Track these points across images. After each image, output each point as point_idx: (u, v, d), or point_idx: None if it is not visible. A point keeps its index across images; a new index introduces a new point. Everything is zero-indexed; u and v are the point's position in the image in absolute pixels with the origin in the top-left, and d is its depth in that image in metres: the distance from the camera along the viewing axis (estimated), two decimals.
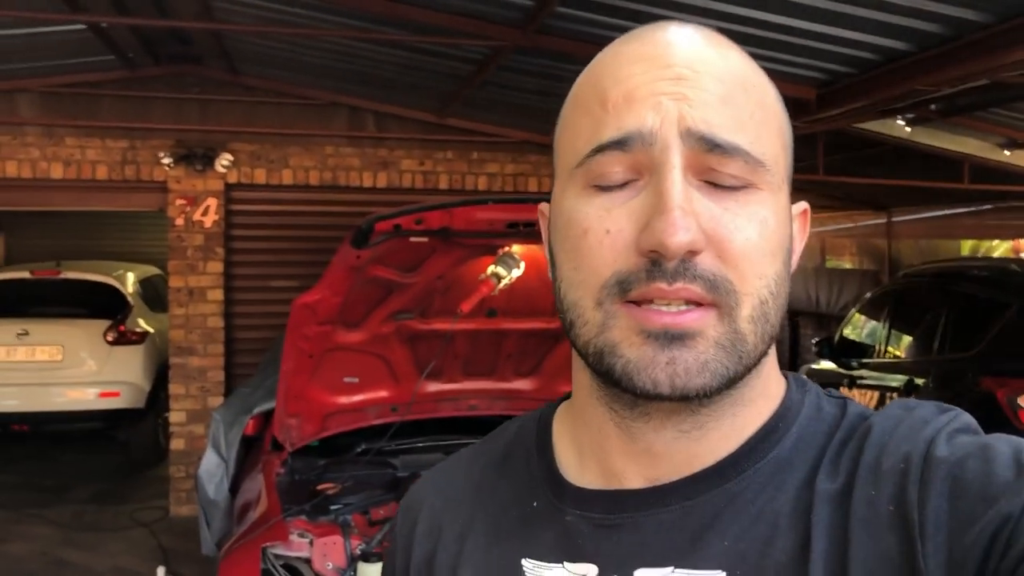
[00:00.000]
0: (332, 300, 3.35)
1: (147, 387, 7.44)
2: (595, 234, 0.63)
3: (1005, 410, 4.09)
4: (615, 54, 0.68)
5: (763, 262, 0.63)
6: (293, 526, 3.25)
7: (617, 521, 0.68)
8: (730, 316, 0.62)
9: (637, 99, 0.63)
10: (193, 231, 6.35)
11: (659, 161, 0.62)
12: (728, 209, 0.62)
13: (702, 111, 0.62)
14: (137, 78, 6.23)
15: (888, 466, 0.62)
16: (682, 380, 0.61)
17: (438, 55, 4.99)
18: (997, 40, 3.23)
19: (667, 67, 0.64)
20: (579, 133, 0.67)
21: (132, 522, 6.29)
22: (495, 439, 0.84)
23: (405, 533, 0.82)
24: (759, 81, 0.68)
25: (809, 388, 0.72)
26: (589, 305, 0.64)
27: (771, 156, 0.65)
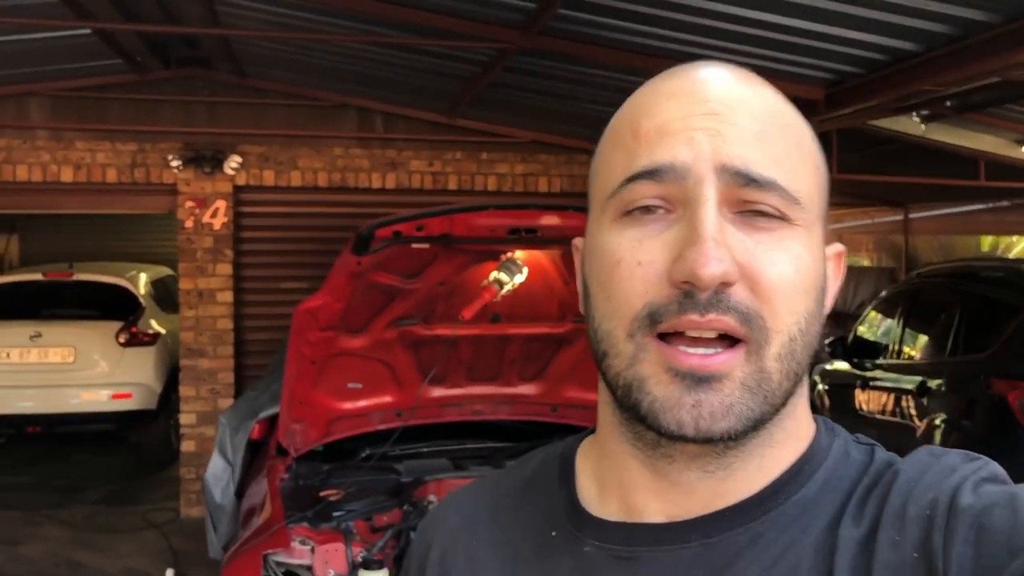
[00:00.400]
0: (334, 306, 3.33)
1: (159, 388, 7.47)
2: (627, 265, 0.64)
3: (1016, 414, 4.04)
4: (651, 91, 0.69)
5: (796, 298, 0.63)
6: (295, 533, 3.24)
7: (635, 554, 0.68)
8: (758, 354, 0.62)
9: (670, 133, 0.64)
10: (202, 233, 6.37)
11: (693, 194, 0.62)
12: (762, 243, 0.63)
13: (737, 147, 0.63)
14: (146, 81, 6.25)
15: (914, 512, 0.61)
16: (706, 423, 0.61)
17: (443, 57, 4.97)
18: (1004, 40, 3.18)
19: (701, 102, 0.65)
20: (613, 166, 0.68)
21: (144, 523, 6.33)
22: (519, 468, 0.84)
23: (419, 556, 0.82)
24: (795, 121, 0.68)
25: (838, 432, 0.72)
26: (621, 336, 0.64)
27: (806, 194, 0.65)
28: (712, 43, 3.97)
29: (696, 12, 3.61)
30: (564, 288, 3.61)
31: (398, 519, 3.44)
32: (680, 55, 4.21)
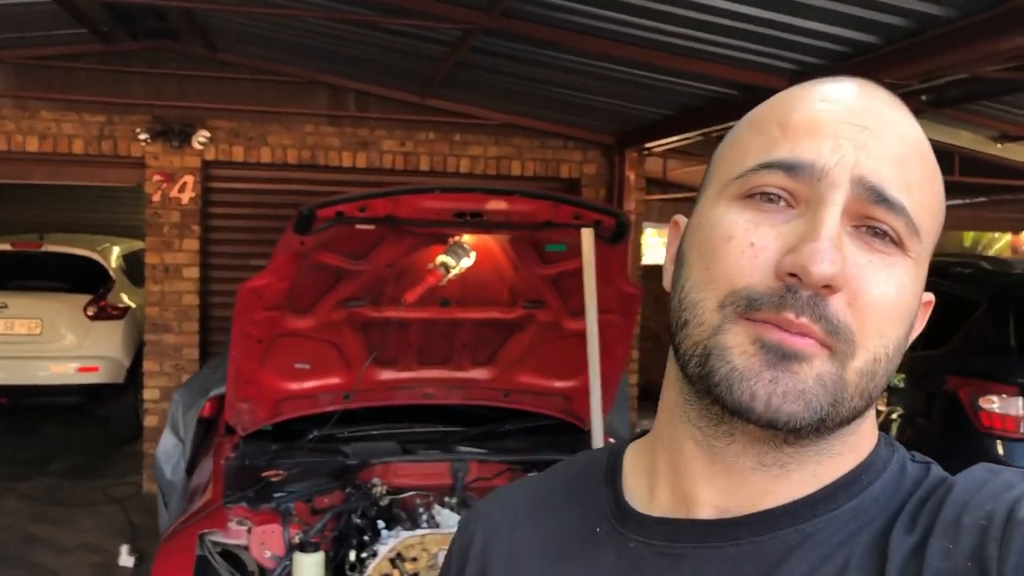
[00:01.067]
0: (279, 285, 3.30)
1: (127, 362, 7.44)
2: (738, 243, 0.64)
3: (967, 411, 4.04)
4: (805, 90, 0.70)
5: (890, 322, 0.64)
6: (233, 513, 3.22)
7: (681, 551, 0.68)
8: (841, 363, 0.62)
9: (819, 133, 0.65)
10: (170, 208, 6.31)
11: (822, 196, 0.63)
12: (872, 262, 0.63)
13: (878, 163, 0.63)
14: (114, 52, 6.16)
15: (968, 522, 0.61)
16: (778, 401, 0.61)
17: (411, 36, 4.92)
18: (960, 35, 3.16)
19: (855, 113, 0.66)
20: (748, 150, 0.68)
21: (105, 498, 6.31)
22: (565, 467, 0.85)
23: (460, 549, 0.83)
24: (932, 159, 0.69)
25: (897, 448, 0.72)
26: (710, 306, 0.65)
27: (925, 229, 0.66)
28: (676, 30, 3.93)
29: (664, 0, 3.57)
30: (514, 274, 3.58)
31: (340, 501, 3.42)
32: (644, 41, 4.18)
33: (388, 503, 3.46)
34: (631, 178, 6.75)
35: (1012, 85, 5.29)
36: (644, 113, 5.90)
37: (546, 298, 3.66)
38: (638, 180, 6.88)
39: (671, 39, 4.07)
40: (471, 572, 0.80)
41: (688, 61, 4.30)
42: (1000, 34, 3.05)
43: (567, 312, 3.68)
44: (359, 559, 3.21)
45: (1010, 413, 3.93)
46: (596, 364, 3.45)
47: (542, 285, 3.61)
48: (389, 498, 3.47)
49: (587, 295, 3.34)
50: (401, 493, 3.55)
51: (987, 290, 4.46)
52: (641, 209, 6.99)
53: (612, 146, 6.80)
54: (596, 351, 3.42)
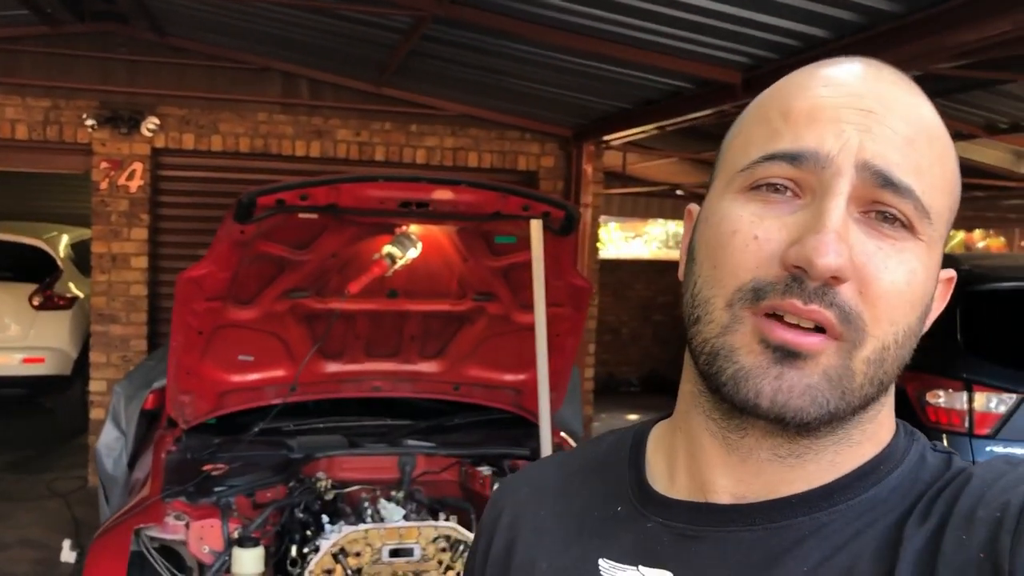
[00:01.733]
0: (219, 275, 3.22)
1: (74, 354, 7.28)
2: (743, 237, 0.64)
3: (914, 406, 4.07)
4: (807, 74, 0.68)
5: (901, 309, 0.63)
6: (171, 508, 3.15)
7: (699, 533, 0.69)
8: (848, 353, 0.62)
9: (821, 120, 0.64)
10: (117, 196, 6.17)
11: (827, 185, 0.62)
12: (882, 249, 0.62)
13: (883, 146, 0.62)
14: (59, 35, 5.99)
15: (983, 514, 0.61)
16: (784, 397, 0.62)
17: (362, 23, 4.84)
18: (909, 30, 3.17)
19: (858, 96, 0.64)
20: (752, 140, 0.67)
21: (48, 492, 6.17)
22: (592, 446, 0.86)
23: (490, 522, 0.85)
24: (943, 137, 0.67)
25: (917, 437, 0.71)
26: (720, 304, 0.65)
27: (937, 211, 0.65)
28: (631, 22, 3.90)
29: None
30: (463, 266, 3.53)
31: (283, 495, 3.36)
32: (599, 32, 4.14)
33: (333, 497, 3.41)
34: (588, 171, 6.73)
35: (963, 83, 5.34)
36: (600, 106, 5.87)
37: (496, 290, 3.62)
38: (595, 173, 6.85)
39: (626, 31, 4.04)
40: (499, 545, 0.82)
41: (643, 53, 4.27)
42: (949, 29, 3.05)
43: (517, 305, 3.64)
44: (301, 554, 3.16)
45: (955, 407, 3.97)
46: (544, 357, 3.41)
47: (492, 277, 3.57)
48: (334, 492, 3.42)
49: (536, 287, 3.30)
50: (346, 487, 3.50)
51: None
52: (599, 202, 6.97)
53: (569, 139, 6.76)
54: (544, 344, 3.39)
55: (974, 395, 3.92)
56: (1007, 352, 4.12)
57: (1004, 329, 4.29)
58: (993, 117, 6.47)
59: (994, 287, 4.35)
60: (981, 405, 3.91)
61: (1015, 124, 6.49)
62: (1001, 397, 3.91)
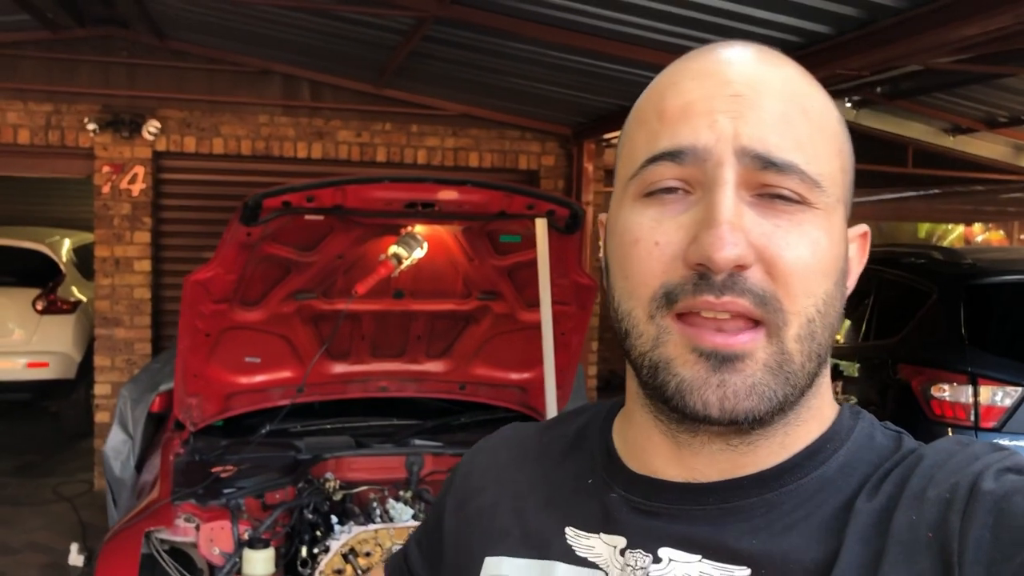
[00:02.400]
0: (226, 278, 3.23)
1: (78, 357, 7.29)
2: (645, 245, 0.65)
3: (919, 399, 4.08)
4: (676, 70, 0.69)
5: (813, 280, 0.63)
6: (181, 510, 3.16)
7: (653, 508, 0.70)
8: (778, 336, 0.63)
9: (693, 114, 0.65)
10: (120, 199, 6.17)
11: (712, 177, 0.63)
12: (780, 227, 0.63)
13: (758, 129, 0.63)
14: (60, 40, 6.00)
15: (933, 495, 0.62)
16: (731, 403, 0.62)
17: (364, 24, 4.85)
18: (911, 24, 3.17)
19: (725, 84, 0.65)
20: (636, 145, 0.68)
21: (55, 496, 6.17)
22: (570, 418, 0.87)
23: (468, 475, 0.87)
24: (819, 103, 0.68)
25: (863, 416, 0.72)
26: (642, 318, 0.65)
27: (827, 176, 0.65)
28: (629, 19, 3.91)
29: None
30: (468, 265, 3.54)
31: (291, 496, 3.37)
32: (598, 30, 4.15)
33: (341, 498, 3.41)
34: (589, 169, 6.74)
35: (963, 77, 5.36)
36: (600, 104, 5.88)
37: (501, 289, 3.63)
38: (596, 171, 6.86)
39: (626, 28, 4.05)
40: (484, 501, 0.83)
41: (643, 50, 4.28)
42: (949, 23, 3.06)
43: (522, 303, 3.65)
44: (311, 555, 3.16)
45: (960, 401, 3.98)
46: (551, 355, 3.42)
47: (497, 276, 3.58)
48: (342, 492, 3.42)
49: (541, 286, 3.31)
50: (355, 487, 3.51)
51: (938, 280, 4.50)
52: (600, 200, 6.98)
53: (570, 137, 6.77)
54: (551, 342, 3.40)
55: (979, 388, 3.93)
56: (1011, 345, 4.13)
57: (1008, 322, 4.30)
58: (992, 111, 6.50)
59: (996, 280, 4.37)
60: (986, 398, 3.92)
61: (1015, 117, 6.51)
62: (1006, 390, 3.91)
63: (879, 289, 5.12)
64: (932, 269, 4.67)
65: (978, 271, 4.39)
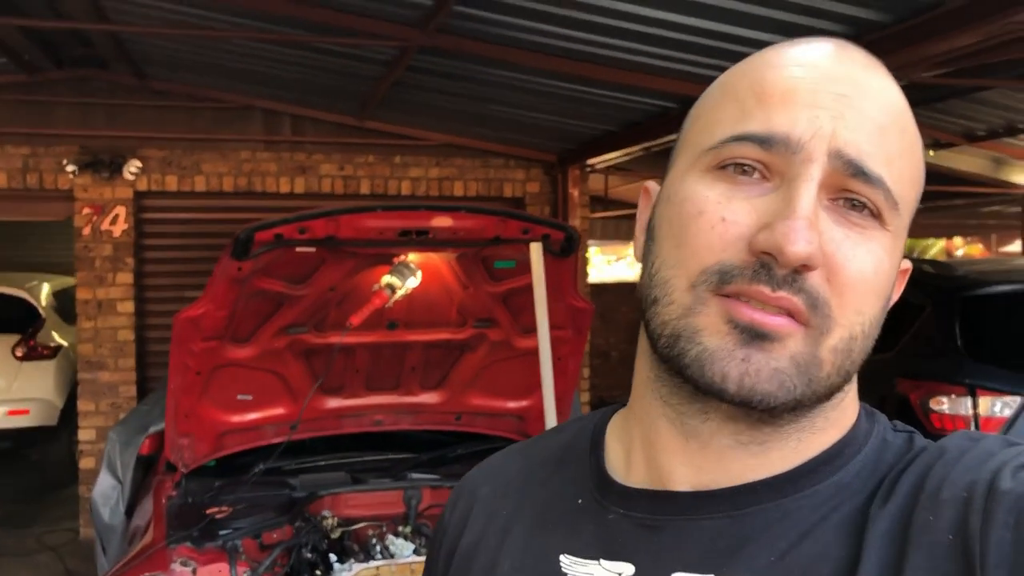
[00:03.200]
0: (217, 314, 3.17)
1: (60, 403, 7.17)
2: (709, 218, 0.62)
3: (918, 413, 4.06)
4: (780, 52, 0.66)
5: (867, 298, 0.62)
6: (176, 553, 3.08)
7: (660, 523, 0.67)
8: (816, 340, 0.61)
9: (795, 102, 0.62)
10: (101, 241, 6.09)
11: (798, 170, 0.60)
12: (850, 237, 0.61)
13: (856, 134, 0.61)
14: (37, 82, 5.95)
15: (949, 495, 0.60)
16: (751, 380, 0.60)
17: (345, 56, 4.83)
18: (896, 39, 3.19)
19: (833, 80, 0.62)
20: (720, 118, 0.65)
21: (39, 545, 6.03)
22: (554, 435, 0.84)
23: (454, 519, 0.82)
24: (913, 126, 0.66)
25: (878, 418, 0.70)
26: (681, 286, 0.63)
27: (906, 201, 0.64)
28: (613, 42, 3.91)
29: (597, 11, 3.55)
30: (463, 292, 3.50)
31: (289, 536, 3.29)
32: (582, 55, 4.15)
33: (340, 535, 3.35)
34: (575, 195, 6.73)
35: (943, 92, 5.41)
36: (585, 129, 5.88)
37: (496, 316, 3.59)
38: (582, 197, 6.86)
39: (608, 52, 4.06)
40: (467, 540, 0.79)
41: (626, 74, 4.28)
42: (934, 37, 3.08)
43: (518, 330, 3.61)
44: None
45: (960, 413, 3.96)
46: (550, 381, 3.38)
47: (492, 303, 3.54)
48: (340, 530, 3.36)
49: (538, 311, 3.27)
50: (353, 524, 3.44)
51: (932, 293, 4.50)
52: (587, 226, 6.97)
53: (554, 164, 6.77)
54: (549, 368, 3.36)
55: (978, 400, 3.92)
56: (1008, 355, 4.13)
57: (1003, 333, 4.30)
58: (971, 125, 6.56)
59: (990, 291, 4.37)
60: (985, 409, 3.91)
61: (992, 131, 6.58)
62: (1005, 400, 3.90)
63: None
64: (925, 282, 4.68)
65: (971, 282, 4.40)
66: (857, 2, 3.13)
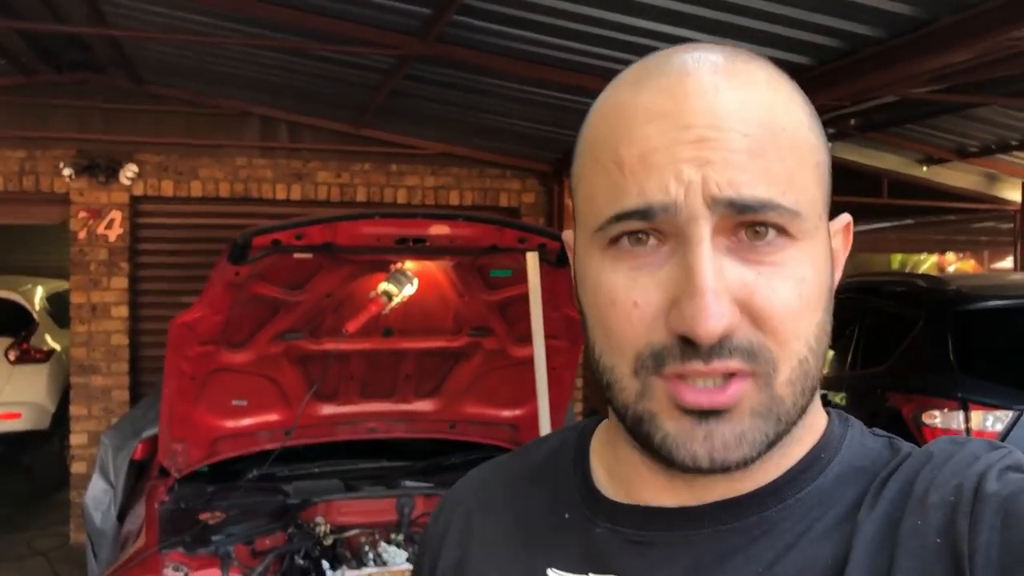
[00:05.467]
0: (213, 319, 3.17)
1: (52, 407, 7.14)
2: (623, 307, 0.62)
3: (910, 427, 4.07)
4: (629, 105, 0.63)
5: (802, 322, 0.61)
6: (169, 559, 3.07)
7: (648, 538, 0.67)
8: (768, 383, 0.60)
9: (656, 165, 0.60)
10: (96, 245, 6.09)
11: (686, 233, 0.59)
12: (762, 274, 0.60)
13: (727, 173, 0.59)
14: (35, 85, 5.95)
15: (936, 498, 0.60)
16: (720, 454, 0.60)
17: (344, 64, 4.85)
18: (891, 55, 3.22)
19: (686, 128, 0.60)
20: (597, 191, 0.64)
21: (29, 551, 5.99)
22: (536, 447, 0.83)
23: (438, 535, 0.81)
24: (789, 117, 0.62)
25: (852, 423, 0.70)
26: (626, 372, 0.63)
27: (806, 201, 0.61)
28: (607, 53, 3.94)
29: (593, 22, 3.57)
30: (459, 300, 3.51)
31: (282, 542, 3.29)
32: (577, 65, 4.18)
33: (332, 542, 3.34)
34: (570, 205, 6.74)
35: (935, 108, 5.45)
36: None
37: (492, 325, 3.60)
38: None
39: (602, 63, 4.08)
40: (448, 562, 0.78)
41: None
42: (928, 53, 3.11)
43: (513, 339, 3.62)
44: None
45: (952, 427, 3.97)
46: (544, 391, 3.38)
47: (487, 312, 3.55)
48: (333, 537, 3.36)
49: (534, 320, 3.28)
50: (345, 531, 3.43)
51: (924, 307, 4.52)
52: None
53: (550, 173, 6.79)
54: (544, 377, 3.36)
55: (970, 414, 3.93)
56: (1000, 370, 4.15)
57: (995, 347, 4.32)
58: (963, 141, 6.61)
59: (982, 306, 4.39)
60: (978, 424, 3.92)
61: (985, 147, 6.63)
62: (997, 415, 3.92)
63: (864, 318, 5.14)
64: (917, 297, 4.70)
65: (963, 297, 4.42)
66: (851, 17, 3.16)
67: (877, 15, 3.09)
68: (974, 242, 12.12)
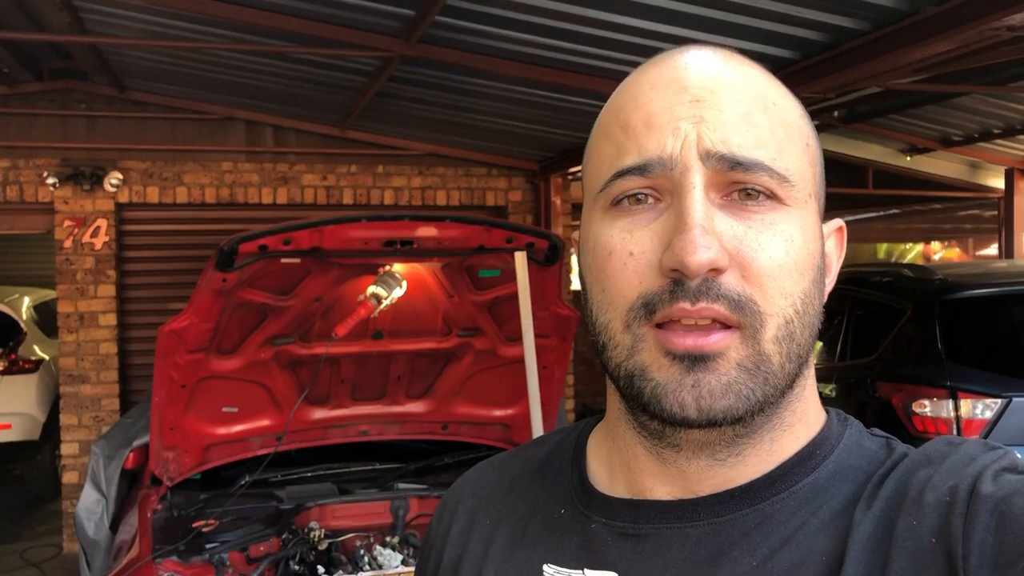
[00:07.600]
0: (202, 326, 3.16)
1: (42, 417, 7.10)
2: (619, 256, 0.64)
3: (900, 416, 4.09)
4: (635, 81, 0.69)
5: (788, 280, 0.63)
6: (163, 568, 3.06)
7: (642, 531, 0.68)
8: (754, 338, 0.62)
9: (656, 125, 0.64)
10: (82, 253, 6.06)
11: (679, 184, 0.63)
12: (752, 227, 0.62)
13: (720, 131, 0.63)
14: (17, 94, 5.92)
15: (932, 499, 0.61)
16: (707, 402, 0.61)
17: (328, 67, 4.83)
18: (874, 46, 3.23)
19: (684, 90, 0.65)
20: (603, 159, 0.68)
21: (22, 562, 5.97)
22: (536, 446, 0.85)
23: (440, 534, 0.83)
24: (780, 99, 0.67)
25: (851, 423, 0.71)
26: (619, 328, 0.65)
27: (795, 171, 0.65)
28: (591, 51, 3.93)
29: (576, 20, 3.57)
30: (448, 302, 3.50)
31: (276, 548, 3.28)
32: (563, 64, 4.18)
33: (327, 546, 3.34)
34: (557, 203, 6.76)
35: (918, 98, 5.48)
36: (566, 138, 5.91)
37: (482, 325, 3.59)
38: (564, 205, 6.88)
39: (587, 60, 4.08)
40: (448, 559, 0.80)
41: (608, 83, 4.28)
42: (912, 43, 3.12)
43: (503, 338, 3.62)
44: None
45: (942, 416, 4.00)
46: (536, 389, 3.39)
47: (477, 312, 3.54)
48: (328, 541, 3.35)
49: (523, 319, 3.28)
50: (340, 535, 3.43)
51: (912, 297, 4.54)
52: (569, 234, 6.99)
53: (536, 172, 6.79)
54: (535, 376, 3.37)
55: (960, 402, 3.95)
56: (988, 358, 4.18)
57: (983, 335, 4.34)
58: (946, 130, 6.63)
59: (969, 294, 4.41)
60: (967, 412, 3.94)
61: (968, 136, 6.65)
62: (986, 403, 3.94)
63: (852, 309, 5.16)
64: (905, 286, 4.72)
65: (951, 286, 4.44)
66: (835, 11, 3.17)
67: (860, 7, 3.10)
68: (959, 230, 12.19)
